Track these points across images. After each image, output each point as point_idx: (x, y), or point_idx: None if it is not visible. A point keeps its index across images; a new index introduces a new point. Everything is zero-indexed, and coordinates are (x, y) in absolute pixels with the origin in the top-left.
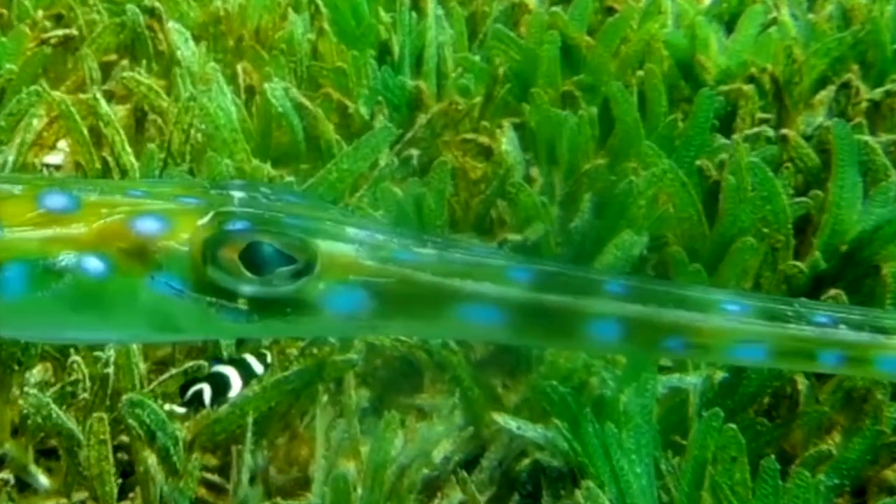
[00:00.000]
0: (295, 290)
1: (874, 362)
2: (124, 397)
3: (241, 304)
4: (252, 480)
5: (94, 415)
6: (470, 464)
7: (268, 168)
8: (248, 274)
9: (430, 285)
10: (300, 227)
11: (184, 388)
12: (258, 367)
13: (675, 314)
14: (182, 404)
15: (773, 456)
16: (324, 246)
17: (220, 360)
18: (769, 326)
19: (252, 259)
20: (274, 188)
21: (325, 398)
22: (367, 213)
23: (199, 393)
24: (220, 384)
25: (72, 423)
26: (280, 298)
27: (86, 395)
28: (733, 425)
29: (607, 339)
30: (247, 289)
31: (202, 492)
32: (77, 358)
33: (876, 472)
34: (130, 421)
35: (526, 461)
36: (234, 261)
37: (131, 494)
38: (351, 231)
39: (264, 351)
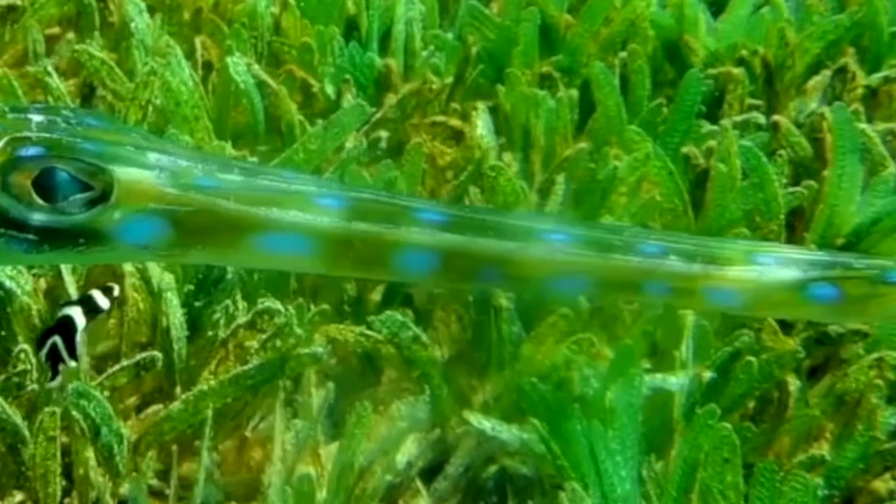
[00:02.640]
0: (89, 219)
1: (702, 294)
2: (70, 387)
3: (32, 234)
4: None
5: (46, 409)
6: (437, 469)
7: (228, 148)
8: (40, 201)
9: (234, 213)
10: (97, 152)
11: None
12: (103, 303)
13: (493, 244)
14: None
15: (771, 457)
16: (121, 172)
17: (68, 303)
18: (593, 256)
19: (45, 186)
20: (76, 112)
21: (282, 396)
22: None
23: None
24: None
25: (17, 418)
26: (73, 227)
27: (34, 386)
28: (727, 424)
29: (421, 269)
30: (38, 217)
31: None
32: (26, 346)
33: (867, 482)
34: (75, 414)
35: (494, 467)
36: (25, 187)
37: (66, 500)
38: (152, 157)
39: (111, 284)
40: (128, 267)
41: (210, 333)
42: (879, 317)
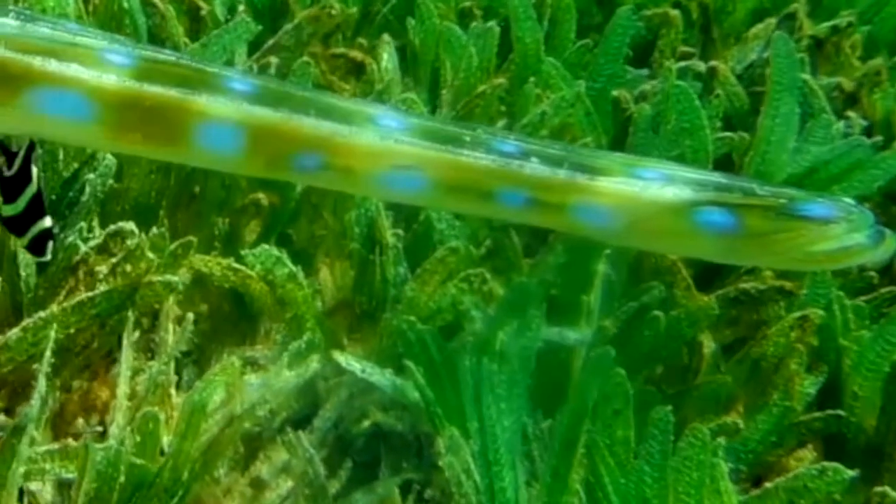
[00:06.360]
0: None
1: (570, 209)
2: None
3: None
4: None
5: None
6: (303, 421)
7: None
8: None
9: (3, 61)
10: None
11: None
12: None
13: (312, 123)
14: None
15: (669, 407)
16: None
17: None
18: (435, 150)
19: None
20: None
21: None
22: None
23: None
24: None
25: None
26: None
27: None
28: (622, 370)
29: (223, 149)
30: None
31: None
32: None
33: (778, 458)
34: None
35: (367, 422)
36: None
37: None
38: None
39: None
40: None
41: (61, 260)
42: (782, 259)
